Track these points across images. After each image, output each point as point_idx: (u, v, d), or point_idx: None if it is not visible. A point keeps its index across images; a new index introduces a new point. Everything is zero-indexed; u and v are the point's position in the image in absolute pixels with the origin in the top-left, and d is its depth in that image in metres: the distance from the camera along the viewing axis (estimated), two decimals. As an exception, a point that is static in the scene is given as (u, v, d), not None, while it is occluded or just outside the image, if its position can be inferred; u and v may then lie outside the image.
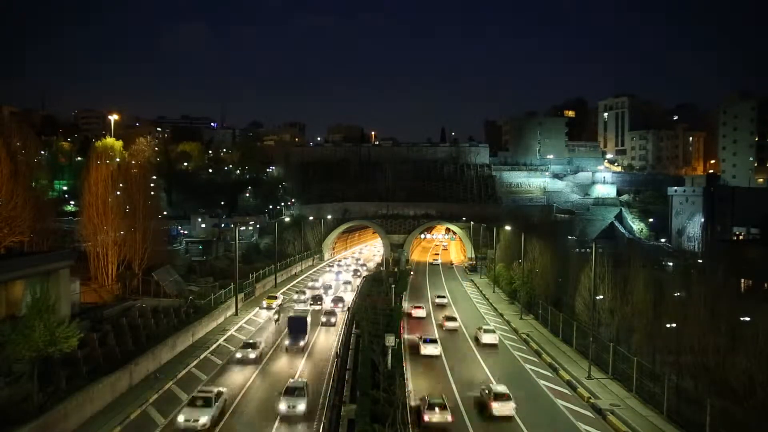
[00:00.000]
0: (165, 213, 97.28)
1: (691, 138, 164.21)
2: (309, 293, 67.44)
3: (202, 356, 40.68)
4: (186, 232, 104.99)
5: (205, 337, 46.49)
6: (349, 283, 78.37)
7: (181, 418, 27.59)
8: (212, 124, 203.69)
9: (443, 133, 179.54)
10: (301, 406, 29.17)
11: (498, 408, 29.86)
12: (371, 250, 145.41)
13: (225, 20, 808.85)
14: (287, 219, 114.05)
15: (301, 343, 41.71)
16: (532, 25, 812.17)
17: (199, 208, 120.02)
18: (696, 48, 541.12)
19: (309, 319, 44.80)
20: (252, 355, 39.38)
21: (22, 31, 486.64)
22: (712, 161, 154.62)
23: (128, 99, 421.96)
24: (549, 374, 38.60)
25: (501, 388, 31.25)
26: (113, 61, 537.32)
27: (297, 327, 42.52)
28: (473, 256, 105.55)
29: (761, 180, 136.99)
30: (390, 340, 34.49)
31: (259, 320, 54.42)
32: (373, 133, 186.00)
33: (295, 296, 65.45)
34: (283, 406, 29.23)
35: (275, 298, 61.18)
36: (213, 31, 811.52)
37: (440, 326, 52.59)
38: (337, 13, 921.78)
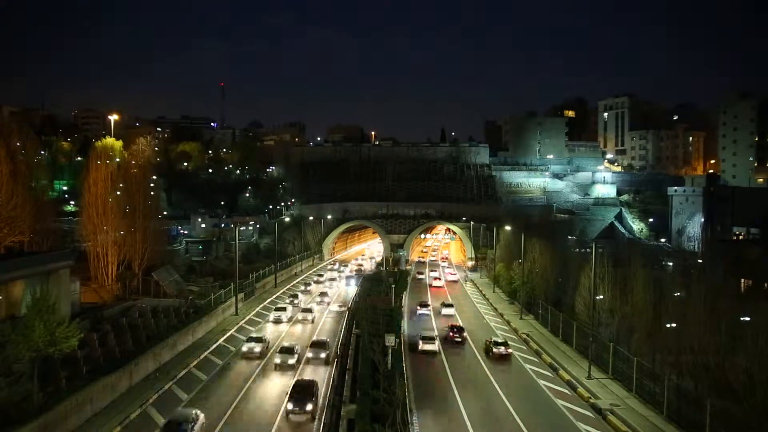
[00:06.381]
0: (165, 213, 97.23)
1: (691, 138, 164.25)
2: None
3: (202, 356, 40.69)
4: (186, 232, 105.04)
5: (206, 336, 46.49)
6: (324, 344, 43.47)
7: None
8: (212, 124, 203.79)
9: (443, 133, 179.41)
10: None
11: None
12: (371, 250, 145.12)
13: (228, 34, 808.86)
14: (287, 219, 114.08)
15: None
16: (532, 25, 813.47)
17: (199, 208, 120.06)
18: (696, 48, 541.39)
19: None
20: None
21: (22, 31, 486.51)
22: (712, 161, 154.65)
23: (128, 99, 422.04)
24: (549, 374, 38.62)
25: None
26: (113, 61, 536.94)
27: None
28: (473, 255, 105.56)
29: (761, 180, 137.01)
30: (390, 340, 34.49)
31: (259, 320, 54.39)
32: (373, 133, 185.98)
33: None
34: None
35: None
36: (215, 36, 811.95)
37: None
38: (340, 29, 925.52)
